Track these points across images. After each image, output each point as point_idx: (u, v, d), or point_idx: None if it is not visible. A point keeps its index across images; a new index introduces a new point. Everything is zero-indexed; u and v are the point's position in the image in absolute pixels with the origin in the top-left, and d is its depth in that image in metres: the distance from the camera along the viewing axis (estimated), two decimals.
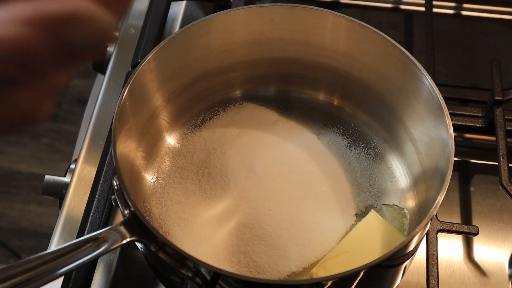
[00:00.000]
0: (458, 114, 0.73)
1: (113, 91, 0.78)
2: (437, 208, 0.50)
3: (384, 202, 0.63)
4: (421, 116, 0.60)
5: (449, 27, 0.86)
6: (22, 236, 1.58)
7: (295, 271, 0.58)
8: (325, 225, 0.60)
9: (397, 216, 0.61)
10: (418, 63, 0.59)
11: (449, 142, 0.54)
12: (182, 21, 0.85)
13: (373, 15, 0.87)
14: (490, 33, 0.85)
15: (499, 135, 0.68)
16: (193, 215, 0.60)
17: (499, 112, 0.70)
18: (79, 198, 0.68)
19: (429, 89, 0.57)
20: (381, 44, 0.61)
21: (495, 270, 0.66)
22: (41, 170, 1.67)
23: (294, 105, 0.70)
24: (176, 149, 0.66)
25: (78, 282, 0.60)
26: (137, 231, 0.50)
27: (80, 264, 0.47)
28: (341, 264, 0.56)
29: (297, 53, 0.67)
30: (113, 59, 0.81)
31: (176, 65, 0.63)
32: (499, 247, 0.67)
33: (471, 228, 0.63)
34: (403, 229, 0.60)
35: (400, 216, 0.61)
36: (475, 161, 0.74)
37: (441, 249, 0.65)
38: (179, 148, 0.66)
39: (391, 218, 0.61)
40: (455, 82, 0.79)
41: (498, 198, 0.70)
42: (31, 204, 1.63)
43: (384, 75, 0.63)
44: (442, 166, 0.54)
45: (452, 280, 0.65)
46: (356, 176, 0.65)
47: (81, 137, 0.76)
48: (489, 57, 0.80)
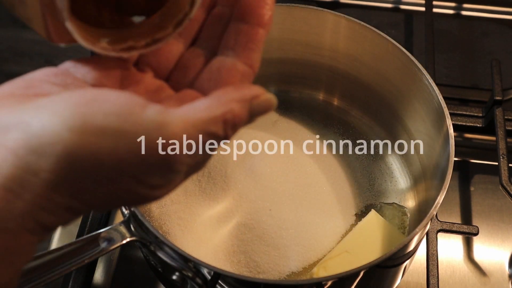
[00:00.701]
0: (458, 114, 0.73)
1: None
2: (437, 208, 0.50)
3: (384, 201, 0.63)
4: (421, 116, 0.60)
5: (449, 27, 0.86)
6: None
7: (295, 271, 0.58)
8: (325, 225, 0.60)
9: (397, 214, 0.61)
10: (418, 63, 0.58)
11: (449, 142, 0.54)
12: None
13: (373, 15, 0.87)
14: (490, 33, 0.85)
15: (499, 135, 0.68)
16: (193, 215, 0.60)
17: (499, 112, 0.70)
18: None
19: (429, 89, 0.57)
20: (381, 44, 0.61)
21: (495, 270, 0.66)
22: None
23: (294, 105, 0.70)
24: None
25: (78, 282, 0.60)
26: (137, 231, 0.50)
27: (80, 264, 0.47)
28: (341, 264, 0.56)
29: (297, 53, 0.67)
30: None
31: None
32: (499, 247, 0.67)
33: (471, 228, 0.63)
34: (404, 226, 0.60)
35: (400, 214, 0.61)
36: (475, 161, 0.74)
37: (441, 249, 0.65)
38: None
39: (391, 216, 0.61)
40: (455, 82, 0.80)
41: (498, 198, 0.70)
42: None
43: (384, 75, 0.63)
44: (442, 166, 0.54)
45: (452, 280, 0.65)
46: (356, 176, 0.65)
47: None
48: (489, 57, 0.80)
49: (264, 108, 0.34)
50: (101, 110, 0.29)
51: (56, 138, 0.28)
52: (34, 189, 0.28)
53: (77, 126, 0.28)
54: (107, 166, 0.29)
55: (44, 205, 0.29)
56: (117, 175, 0.29)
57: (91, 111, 0.29)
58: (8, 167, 0.28)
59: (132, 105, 0.30)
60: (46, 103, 0.30)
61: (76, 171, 0.29)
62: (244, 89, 0.33)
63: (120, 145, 0.29)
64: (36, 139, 0.28)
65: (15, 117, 0.29)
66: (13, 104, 0.30)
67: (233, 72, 0.36)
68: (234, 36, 0.37)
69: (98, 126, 0.29)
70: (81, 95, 0.30)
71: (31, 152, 0.28)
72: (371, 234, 0.58)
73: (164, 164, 0.30)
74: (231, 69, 0.36)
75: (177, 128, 0.30)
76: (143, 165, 0.30)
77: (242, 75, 0.36)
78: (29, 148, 0.28)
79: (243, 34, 0.36)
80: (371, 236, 0.58)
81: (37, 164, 0.28)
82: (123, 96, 0.30)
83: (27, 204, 0.28)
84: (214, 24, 0.39)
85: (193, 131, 0.30)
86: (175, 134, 0.30)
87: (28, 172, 0.28)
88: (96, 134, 0.29)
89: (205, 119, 0.31)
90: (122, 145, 0.29)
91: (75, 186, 0.29)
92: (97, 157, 0.29)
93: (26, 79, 0.33)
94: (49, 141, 0.28)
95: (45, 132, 0.28)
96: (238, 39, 0.36)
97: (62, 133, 0.28)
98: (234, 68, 0.36)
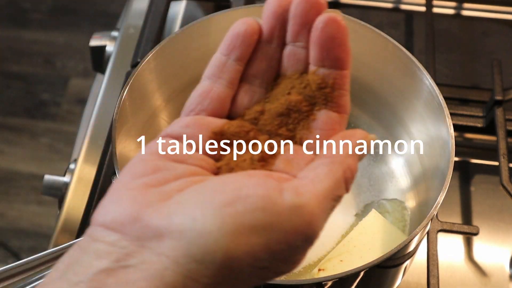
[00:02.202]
0: (458, 114, 0.73)
1: (112, 91, 0.78)
2: (437, 208, 0.50)
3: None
4: (421, 116, 0.60)
5: (450, 27, 0.86)
6: (21, 236, 1.58)
7: (295, 271, 0.58)
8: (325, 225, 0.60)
9: (397, 208, 0.61)
10: (418, 63, 0.58)
11: (449, 142, 0.54)
12: (182, 21, 0.85)
13: (373, 15, 0.87)
14: (491, 33, 0.85)
15: (500, 135, 0.68)
16: None
17: (500, 112, 0.70)
18: (79, 198, 0.68)
19: (429, 89, 0.57)
20: (381, 44, 0.61)
21: (496, 270, 0.66)
22: (40, 170, 1.67)
23: None
24: None
25: None
26: None
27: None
28: (341, 264, 0.56)
29: None
30: (113, 58, 0.81)
31: (176, 65, 0.63)
32: (499, 247, 0.67)
33: (471, 228, 0.63)
34: (404, 220, 0.60)
35: (400, 208, 0.61)
36: (476, 161, 0.74)
37: (441, 249, 0.64)
38: None
39: (392, 209, 0.61)
40: (455, 82, 0.79)
41: (498, 198, 0.70)
42: (30, 204, 1.63)
43: (384, 75, 0.63)
44: (443, 166, 0.54)
45: (452, 280, 0.65)
46: (357, 176, 0.64)
47: (81, 137, 0.76)
48: (490, 56, 0.80)
49: (369, 149, 0.37)
50: (247, 207, 0.30)
51: (215, 246, 0.29)
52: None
53: (232, 230, 0.30)
54: (261, 260, 0.30)
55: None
56: (270, 264, 0.31)
57: (239, 211, 0.30)
58: (170, 275, 0.29)
59: (270, 193, 0.31)
60: (187, 202, 0.31)
61: (233, 271, 0.30)
62: (351, 138, 0.36)
63: (271, 239, 0.30)
64: (195, 248, 0.29)
65: (164, 221, 0.30)
66: (153, 202, 0.31)
67: (333, 123, 0.37)
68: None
69: (249, 225, 0.30)
70: (220, 191, 0.31)
71: (192, 261, 0.29)
72: (372, 234, 0.58)
73: (308, 242, 0.32)
74: (331, 119, 0.37)
75: (314, 207, 0.32)
76: (291, 249, 0.31)
77: (339, 124, 0.37)
78: (189, 257, 0.29)
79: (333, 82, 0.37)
80: (371, 236, 0.58)
81: (198, 271, 0.29)
82: (259, 185, 0.31)
83: None
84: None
85: (326, 203, 0.33)
86: (313, 214, 0.32)
87: (190, 279, 0.29)
88: (249, 233, 0.30)
89: (332, 186, 0.33)
90: (273, 238, 0.30)
91: (231, 283, 0.31)
92: (253, 255, 0.30)
93: (146, 161, 0.35)
94: (209, 250, 0.29)
95: (203, 240, 0.29)
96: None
97: (219, 239, 0.29)
98: (332, 118, 0.37)
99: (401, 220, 0.60)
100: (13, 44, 1.92)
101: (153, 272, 0.29)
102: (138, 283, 0.29)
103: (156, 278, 0.29)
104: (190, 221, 0.30)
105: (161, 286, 0.29)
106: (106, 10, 1.94)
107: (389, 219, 0.60)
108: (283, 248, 0.31)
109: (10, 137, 1.75)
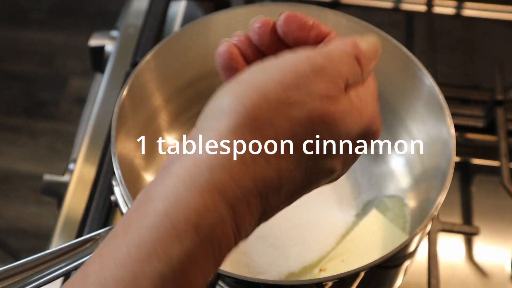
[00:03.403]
0: (459, 114, 0.73)
1: (112, 90, 0.78)
2: (438, 208, 0.50)
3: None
4: (422, 116, 0.60)
5: (450, 27, 0.85)
6: (20, 236, 1.58)
7: (295, 271, 0.58)
8: (326, 225, 0.60)
9: (397, 204, 0.61)
10: (419, 62, 0.58)
11: (450, 142, 0.54)
12: (182, 21, 0.85)
13: (373, 15, 0.87)
14: (491, 33, 0.85)
15: (501, 135, 0.68)
16: None
17: (501, 112, 0.70)
18: (78, 198, 0.68)
19: (430, 89, 0.57)
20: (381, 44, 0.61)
21: (497, 271, 0.66)
22: (39, 170, 1.67)
23: None
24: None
25: None
26: None
27: (80, 265, 0.46)
28: (341, 264, 0.56)
29: None
30: (113, 58, 0.81)
31: (176, 65, 0.63)
32: (500, 248, 0.67)
33: (472, 228, 0.63)
34: (404, 216, 0.60)
35: (400, 204, 0.61)
36: (477, 161, 0.74)
37: (442, 249, 0.64)
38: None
39: (392, 206, 0.61)
40: (456, 81, 0.79)
41: (499, 199, 0.70)
42: (29, 204, 1.63)
43: (385, 75, 0.63)
44: (443, 166, 0.54)
45: (453, 280, 0.65)
46: (357, 176, 0.64)
47: (80, 137, 0.76)
48: (491, 56, 0.80)
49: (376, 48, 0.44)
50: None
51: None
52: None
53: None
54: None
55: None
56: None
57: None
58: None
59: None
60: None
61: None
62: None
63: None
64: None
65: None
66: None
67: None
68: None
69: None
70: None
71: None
72: (372, 234, 0.58)
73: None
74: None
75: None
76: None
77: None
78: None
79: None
80: (372, 236, 0.58)
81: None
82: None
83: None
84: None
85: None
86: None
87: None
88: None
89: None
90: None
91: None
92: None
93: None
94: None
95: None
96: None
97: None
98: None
99: (401, 216, 0.60)
100: (12, 43, 1.92)
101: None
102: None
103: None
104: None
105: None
106: (105, 9, 1.94)
107: (389, 216, 0.60)
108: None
109: (9, 137, 1.74)
